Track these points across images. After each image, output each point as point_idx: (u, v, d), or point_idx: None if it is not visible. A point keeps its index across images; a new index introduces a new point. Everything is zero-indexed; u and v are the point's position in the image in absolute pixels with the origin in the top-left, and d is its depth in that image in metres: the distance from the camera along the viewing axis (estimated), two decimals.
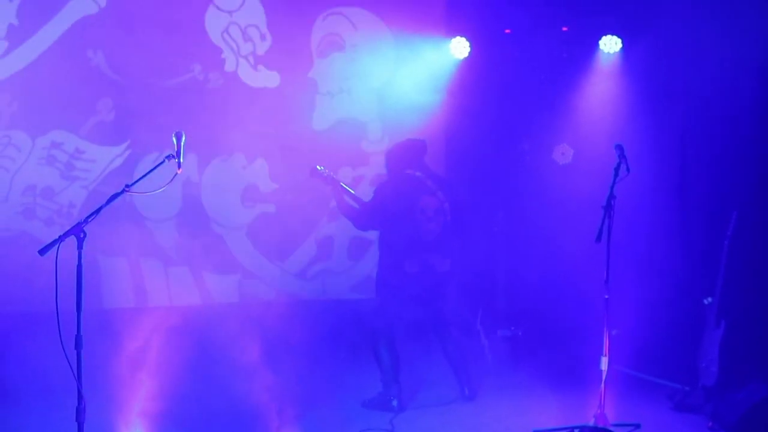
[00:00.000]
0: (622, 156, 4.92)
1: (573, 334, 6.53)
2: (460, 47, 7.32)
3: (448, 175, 7.24)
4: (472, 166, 7.40)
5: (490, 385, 6.21)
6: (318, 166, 5.88)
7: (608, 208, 4.83)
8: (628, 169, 4.85)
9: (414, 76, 7.37)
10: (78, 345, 3.69)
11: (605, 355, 4.96)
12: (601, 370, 4.98)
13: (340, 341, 6.66)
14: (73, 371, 3.67)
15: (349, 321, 6.74)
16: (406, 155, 5.72)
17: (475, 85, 7.36)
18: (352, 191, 5.90)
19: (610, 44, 7.08)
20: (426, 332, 6.05)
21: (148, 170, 3.93)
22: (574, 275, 6.60)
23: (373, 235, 6.18)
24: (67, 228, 3.71)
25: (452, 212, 5.68)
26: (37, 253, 3.69)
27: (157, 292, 6.76)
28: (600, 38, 7.10)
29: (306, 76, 7.20)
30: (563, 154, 7.35)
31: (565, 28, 7.33)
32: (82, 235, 3.71)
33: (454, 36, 7.34)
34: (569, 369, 6.34)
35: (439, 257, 5.61)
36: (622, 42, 7.05)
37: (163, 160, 3.97)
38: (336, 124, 7.29)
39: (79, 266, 3.71)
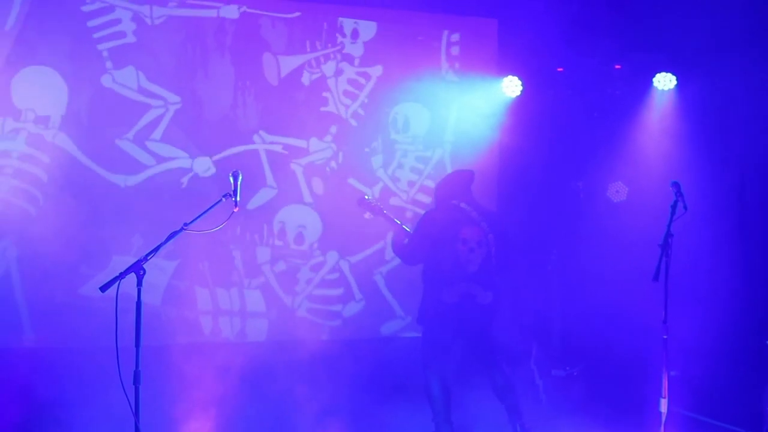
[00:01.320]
0: (678, 193, 4.84)
1: (631, 374, 6.40)
2: (512, 86, 7.34)
3: (501, 213, 7.19)
4: (526, 204, 7.36)
5: (544, 427, 6.10)
6: (366, 195, 5.91)
7: (665, 246, 4.74)
8: (685, 207, 4.77)
9: (466, 115, 7.39)
10: (136, 380, 3.77)
11: (664, 397, 4.83)
12: (661, 413, 4.85)
13: (392, 380, 6.64)
14: (131, 407, 3.74)
15: (401, 360, 6.75)
16: (452, 186, 5.71)
17: (527, 123, 7.35)
18: (396, 220, 5.86)
19: (665, 81, 7.04)
20: (474, 366, 5.95)
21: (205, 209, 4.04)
22: (631, 314, 6.48)
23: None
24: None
25: (498, 246, 5.63)
26: (99, 290, 3.81)
27: (220, 328, 6.84)
28: (654, 75, 7.07)
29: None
30: (618, 191, 7.29)
31: (618, 66, 7.31)
32: (141, 273, 3.81)
33: (506, 75, 7.37)
34: (627, 411, 6.20)
35: (481, 289, 5.52)
36: (677, 79, 7.00)
37: (220, 199, 4.08)
38: (386, 163, 7.34)
39: (138, 302, 3.80)
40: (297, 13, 6.98)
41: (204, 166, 6.73)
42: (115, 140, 6.53)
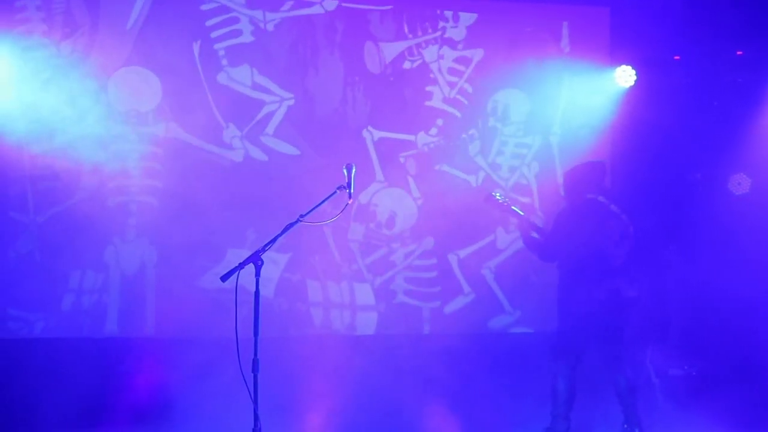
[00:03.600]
0: None
1: (756, 375, 6.09)
2: (625, 76, 7.12)
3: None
4: (641, 197, 7.14)
5: (660, 430, 5.89)
6: (494, 193, 5.87)
7: None
8: None
9: (578, 106, 7.23)
10: (255, 368, 3.86)
11: None
12: None
13: (501, 375, 6.58)
14: (250, 394, 3.84)
15: (511, 355, 6.69)
16: (587, 179, 5.60)
17: (642, 114, 7.11)
18: (522, 213, 5.80)
19: None
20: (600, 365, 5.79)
21: (320, 201, 4.10)
22: (756, 311, 6.19)
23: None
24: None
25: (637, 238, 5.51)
26: (215, 282, 3.93)
27: (331, 320, 6.96)
28: None
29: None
30: (740, 183, 6.98)
31: (740, 52, 7.00)
32: (260, 263, 3.90)
33: (619, 64, 7.15)
34: (753, 414, 5.91)
35: (626, 282, 5.43)
36: None
37: (335, 191, 4.13)
38: (498, 154, 7.27)
39: (257, 292, 3.89)
40: (401, 6, 7.01)
41: (314, 161, 6.84)
42: (230, 137, 6.73)
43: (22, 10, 6.29)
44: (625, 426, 5.67)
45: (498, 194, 5.86)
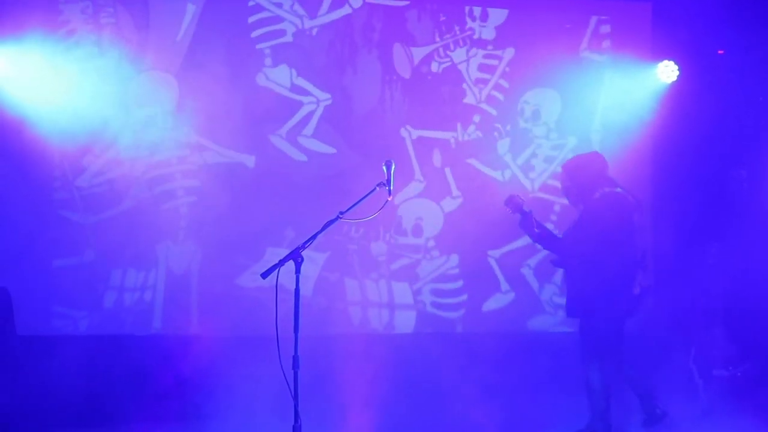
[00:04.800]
0: None
1: None
2: (668, 71, 7.02)
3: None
4: (683, 194, 7.04)
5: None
6: (519, 198, 5.66)
7: None
8: None
9: (620, 102, 7.14)
10: (295, 365, 3.86)
11: None
12: None
13: (540, 374, 6.53)
14: (290, 390, 3.84)
15: (551, 354, 6.63)
16: (599, 171, 5.39)
17: (684, 109, 7.02)
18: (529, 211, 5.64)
19: None
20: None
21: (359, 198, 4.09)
22: None
23: None
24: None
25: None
26: (260, 276, 3.95)
27: (369, 319, 6.96)
28: None
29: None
30: None
31: None
32: (300, 260, 3.91)
33: (662, 60, 7.05)
34: None
35: (646, 272, 5.42)
36: None
37: (374, 188, 4.11)
38: (534, 152, 7.21)
39: (297, 289, 3.89)
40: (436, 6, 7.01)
41: (353, 160, 6.84)
42: (268, 137, 6.77)
43: (66, 23, 6.39)
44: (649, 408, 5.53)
45: (521, 199, 5.59)
